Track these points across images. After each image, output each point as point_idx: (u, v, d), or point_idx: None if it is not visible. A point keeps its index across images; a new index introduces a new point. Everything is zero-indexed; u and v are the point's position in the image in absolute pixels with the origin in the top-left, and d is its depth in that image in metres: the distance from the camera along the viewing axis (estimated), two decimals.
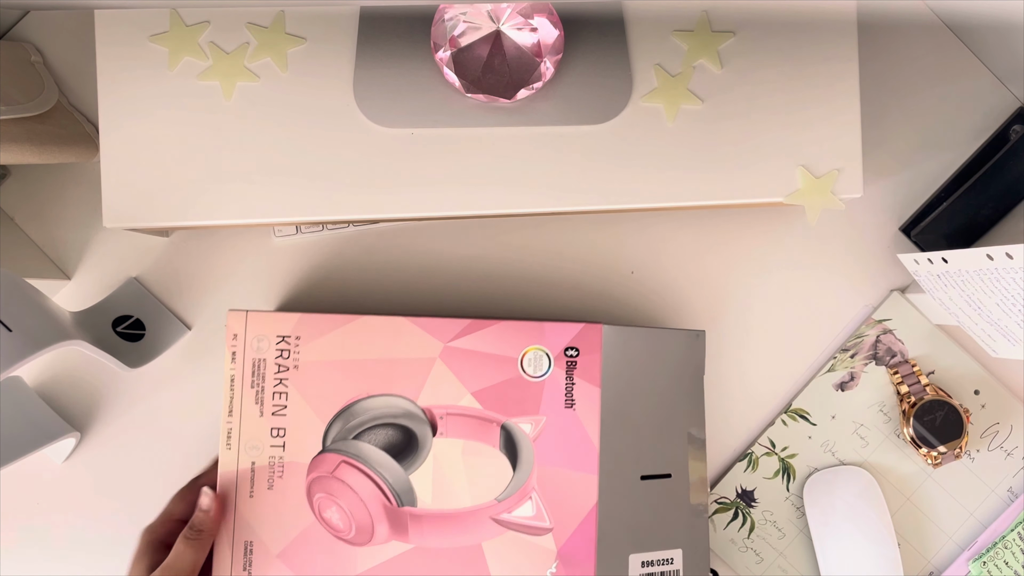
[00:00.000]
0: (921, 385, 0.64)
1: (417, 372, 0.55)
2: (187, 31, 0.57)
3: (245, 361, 0.55)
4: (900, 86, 0.67)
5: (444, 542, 0.54)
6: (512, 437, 0.55)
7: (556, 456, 0.55)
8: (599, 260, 0.67)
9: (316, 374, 0.55)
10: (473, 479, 0.55)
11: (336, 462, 0.54)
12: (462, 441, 0.55)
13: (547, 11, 0.54)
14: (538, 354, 0.56)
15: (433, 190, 0.57)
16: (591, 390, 0.56)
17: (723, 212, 0.67)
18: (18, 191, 0.66)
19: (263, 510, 0.54)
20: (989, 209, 0.65)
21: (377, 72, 0.57)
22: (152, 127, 0.57)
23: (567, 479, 0.55)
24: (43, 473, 0.65)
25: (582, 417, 0.56)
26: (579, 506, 0.55)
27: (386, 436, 0.55)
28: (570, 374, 0.56)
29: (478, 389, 0.56)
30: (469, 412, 0.55)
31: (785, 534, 0.65)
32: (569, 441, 0.55)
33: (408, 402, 0.55)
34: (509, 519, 0.55)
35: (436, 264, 0.66)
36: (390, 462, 0.55)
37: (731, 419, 0.66)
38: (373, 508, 0.54)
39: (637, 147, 0.57)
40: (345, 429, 0.55)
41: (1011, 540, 0.64)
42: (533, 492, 0.55)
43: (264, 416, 0.55)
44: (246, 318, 0.55)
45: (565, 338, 0.56)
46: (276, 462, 0.54)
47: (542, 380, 0.56)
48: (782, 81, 0.57)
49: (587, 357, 0.56)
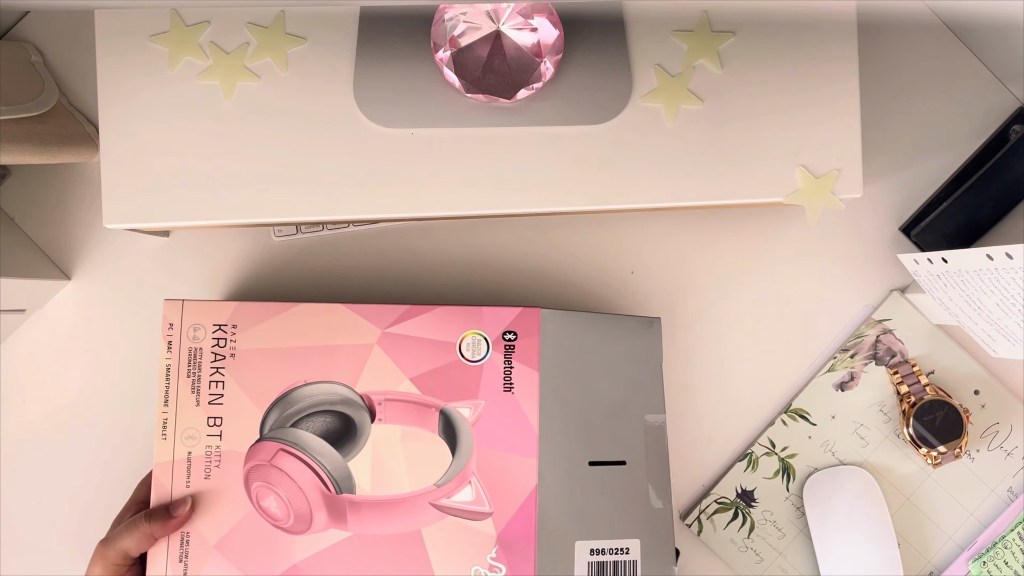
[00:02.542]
0: (921, 385, 0.64)
1: (355, 358, 0.55)
2: (187, 31, 0.57)
3: (181, 350, 0.55)
4: (900, 86, 0.67)
5: (383, 528, 0.54)
6: (451, 422, 0.56)
7: (495, 440, 0.56)
8: (599, 260, 0.67)
9: (253, 362, 0.55)
10: (412, 465, 0.55)
11: (274, 450, 0.54)
12: (401, 427, 0.55)
13: (547, 11, 0.54)
14: (476, 338, 0.56)
15: (433, 190, 0.57)
16: (529, 374, 0.56)
17: (723, 212, 0.67)
18: (18, 191, 0.66)
19: (200, 500, 0.54)
20: (989, 209, 0.65)
21: (377, 72, 0.57)
22: (152, 127, 0.57)
23: (507, 463, 0.55)
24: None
25: (521, 401, 0.56)
26: (519, 490, 0.55)
27: (324, 423, 0.55)
28: (508, 358, 0.56)
29: (416, 375, 0.56)
30: (407, 397, 0.55)
31: (785, 534, 0.65)
32: (508, 425, 0.56)
33: (346, 388, 0.55)
34: (448, 504, 0.55)
35: (436, 264, 0.66)
36: (328, 449, 0.54)
37: (731, 419, 0.66)
38: (311, 496, 0.54)
39: (637, 147, 0.57)
40: (283, 417, 0.54)
41: (1011, 540, 0.64)
42: (472, 476, 0.55)
43: (200, 405, 0.54)
44: (182, 307, 0.55)
45: (503, 322, 0.57)
46: (213, 452, 0.54)
47: (480, 364, 0.56)
48: (782, 81, 0.57)
49: (525, 341, 0.57)
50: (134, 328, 0.65)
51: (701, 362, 0.66)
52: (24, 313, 0.65)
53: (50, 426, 0.65)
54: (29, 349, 0.66)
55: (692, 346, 0.66)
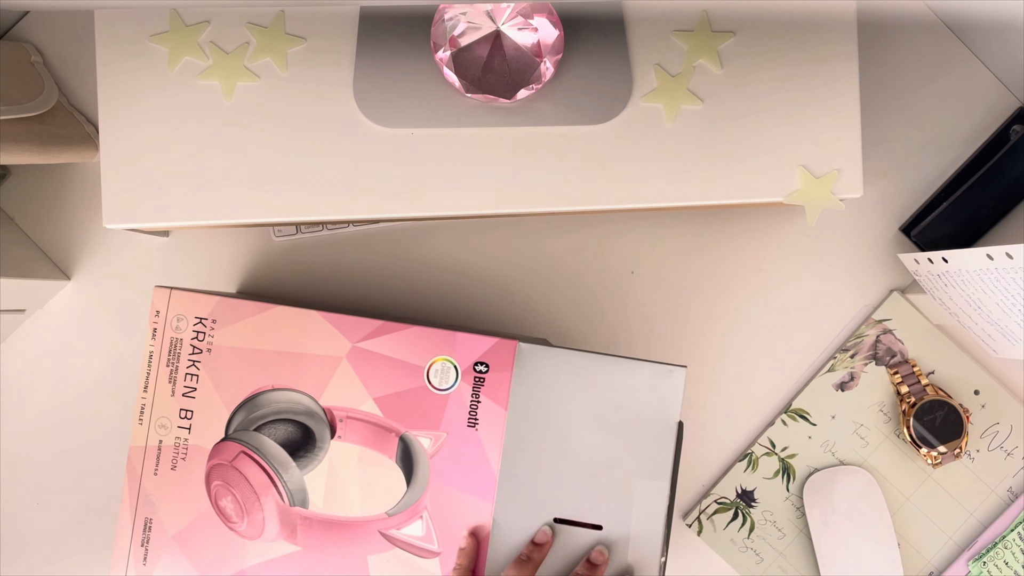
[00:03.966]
0: (921, 385, 0.64)
1: (323, 370, 0.54)
2: (187, 31, 0.57)
3: (164, 339, 0.54)
4: (900, 86, 0.67)
5: (330, 549, 0.53)
6: (409, 450, 0.53)
7: (453, 477, 0.52)
8: (599, 260, 0.66)
9: (227, 360, 0.54)
10: (366, 488, 0.53)
11: (236, 452, 0.54)
12: (359, 447, 0.53)
13: (547, 11, 0.54)
14: (446, 365, 0.53)
15: (433, 190, 0.57)
16: (497, 411, 0.52)
17: (723, 212, 0.67)
18: (18, 191, 0.66)
19: (165, 490, 0.54)
20: (989, 209, 0.65)
21: (377, 72, 0.57)
22: (152, 127, 0.57)
23: (461, 503, 0.52)
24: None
25: (484, 439, 0.52)
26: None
27: (286, 432, 0.54)
28: (477, 391, 0.53)
29: (381, 395, 0.53)
30: (369, 418, 0.53)
31: (785, 534, 0.65)
32: (468, 463, 0.52)
33: (311, 400, 0.54)
34: (398, 536, 0.53)
35: (436, 264, 0.66)
36: (287, 459, 0.53)
37: (731, 419, 0.66)
38: (265, 503, 0.53)
39: (637, 147, 0.57)
40: (248, 419, 0.54)
41: (1011, 540, 0.64)
42: (425, 511, 0.52)
43: (175, 396, 0.54)
44: (169, 296, 0.55)
45: (476, 351, 0.53)
46: (181, 443, 0.54)
47: (447, 394, 0.53)
48: (782, 81, 0.57)
49: (497, 375, 0.52)
50: (134, 328, 0.65)
51: (701, 362, 0.66)
52: (24, 313, 0.65)
53: (50, 426, 0.65)
54: (29, 349, 0.66)
55: (692, 346, 0.66)
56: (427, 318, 0.66)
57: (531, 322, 0.66)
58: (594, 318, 0.66)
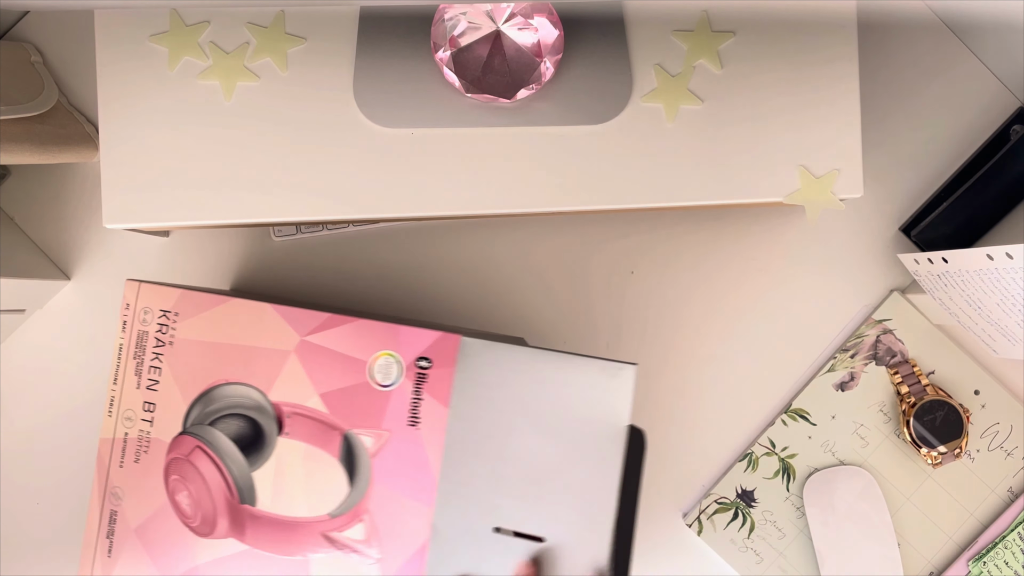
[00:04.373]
0: (921, 385, 0.64)
1: (273, 364, 0.52)
2: (187, 31, 0.57)
3: (132, 332, 0.54)
4: (900, 86, 0.67)
5: (276, 549, 0.51)
6: (352, 449, 0.50)
7: (393, 479, 0.50)
8: (599, 260, 0.66)
9: (187, 353, 0.53)
10: (311, 488, 0.51)
11: (192, 446, 0.53)
12: (304, 444, 0.51)
13: (547, 11, 0.54)
14: (388, 361, 0.50)
15: (433, 190, 0.57)
16: (438, 410, 0.49)
17: (723, 212, 0.67)
18: (18, 191, 0.66)
19: (129, 482, 0.54)
20: (989, 209, 0.65)
21: (377, 72, 0.57)
22: (152, 127, 0.57)
23: (402, 507, 0.50)
24: None
25: (425, 439, 0.49)
26: (409, 541, 0.50)
27: (237, 427, 0.52)
28: (419, 388, 0.50)
29: (326, 391, 0.51)
30: (314, 415, 0.51)
31: (785, 534, 0.65)
32: (408, 464, 0.50)
33: (261, 395, 0.52)
34: (339, 538, 0.50)
35: (436, 263, 0.66)
36: (238, 455, 0.52)
37: (731, 419, 0.66)
38: (217, 500, 0.52)
39: (637, 147, 0.57)
40: (203, 414, 0.53)
41: (1011, 540, 0.64)
42: (366, 514, 0.50)
43: (140, 389, 0.54)
44: (139, 288, 0.54)
45: (419, 346, 0.50)
46: (144, 436, 0.54)
47: (389, 390, 0.50)
48: (782, 81, 0.57)
49: (439, 371, 0.49)
50: None
51: (701, 362, 0.66)
52: (24, 313, 0.65)
53: (50, 426, 0.65)
54: (29, 349, 0.66)
55: (692, 346, 0.66)
56: (426, 317, 0.66)
57: (530, 321, 0.66)
58: (594, 318, 0.66)
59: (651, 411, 0.66)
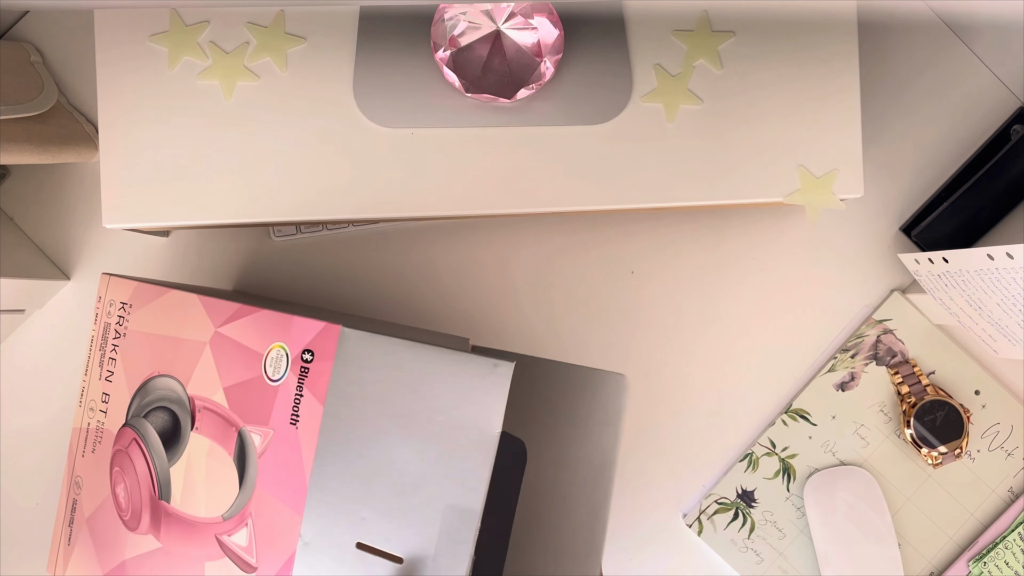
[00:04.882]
0: (921, 385, 0.64)
1: (191, 355, 0.49)
2: (187, 31, 0.57)
3: (100, 323, 0.55)
4: (900, 86, 0.67)
5: (181, 549, 0.48)
6: (244, 448, 0.47)
7: (273, 481, 0.45)
8: (599, 260, 0.66)
9: (134, 344, 0.53)
10: (211, 487, 0.47)
11: (130, 438, 0.52)
12: (209, 441, 0.48)
13: (547, 11, 0.54)
14: (279, 353, 0.46)
15: (433, 190, 0.57)
16: (315, 407, 0.44)
17: (723, 212, 0.67)
18: (18, 191, 0.66)
19: (87, 472, 0.54)
20: (989, 209, 0.65)
21: (377, 72, 0.57)
22: (152, 127, 0.57)
23: (277, 513, 0.45)
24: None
25: (302, 440, 0.45)
26: (280, 551, 0.45)
27: (162, 420, 0.50)
28: (301, 383, 0.45)
29: (229, 384, 0.47)
30: (218, 409, 0.48)
31: (785, 534, 0.65)
32: (285, 466, 0.45)
33: (181, 387, 0.49)
34: (228, 543, 0.47)
35: (436, 263, 0.66)
36: (161, 449, 0.50)
37: (731, 419, 0.66)
38: (144, 494, 0.50)
39: (637, 147, 0.57)
40: (140, 405, 0.52)
41: (1011, 540, 0.64)
42: (250, 518, 0.46)
43: (101, 380, 0.54)
44: (108, 282, 0.54)
45: (305, 338, 0.45)
46: (100, 427, 0.53)
47: (277, 385, 0.46)
48: (782, 81, 0.57)
49: (319, 364, 0.45)
50: None
51: (701, 362, 0.66)
52: (24, 313, 0.65)
53: (50, 426, 0.65)
54: (29, 349, 0.66)
55: (692, 346, 0.66)
56: (427, 317, 0.66)
57: (530, 321, 0.66)
58: (594, 318, 0.66)
59: (651, 411, 0.66)
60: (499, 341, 0.66)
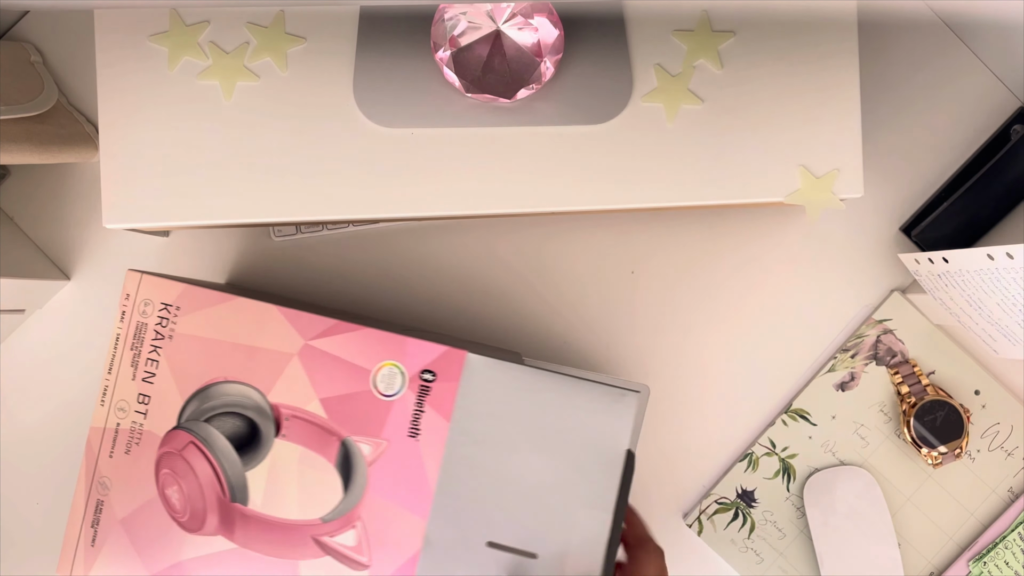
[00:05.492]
0: (921, 385, 0.64)
1: (274, 365, 0.53)
2: (187, 31, 0.57)
3: (131, 323, 0.55)
4: (900, 86, 0.67)
5: (265, 549, 0.52)
6: (349, 456, 0.52)
7: (389, 488, 0.51)
8: (599, 260, 0.66)
9: (186, 348, 0.54)
10: (304, 491, 0.52)
11: (185, 441, 0.53)
12: (301, 448, 0.52)
13: (547, 11, 0.54)
14: (392, 371, 0.52)
15: (433, 190, 0.57)
16: (439, 423, 0.51)
17: (723, 212, 0.67)
18: (18, 191, 0.66)
19: (118, 473, 0.54)
20: (989, 209, 0.65)
21: (377, 72, 0.57)
22: (152, 127, 0.57)
23: (395, 516, 0.51)
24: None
25: (424, 451, 0.51)
26: (401, 550, 0.50)
27: (233, 425, 0.53)
28: (421, 400, 0.51)
29: (327, 396, 0.52)
30: (313, 419, 0.52)
31: (785, 534, 0.65)
32: (405, 475, 0.51)
33: (260, 395, 0.53)
34: (330, 543, 0.51)
35: (436, 263, 0.66)
36: (232, 453, 0.53)
37: (731, 419, 0.66)
38: (208, 496, 0.52)
39: (637, 147, 0.57)
40: (199, 410, 0.54)
41: (1011, 540, 0.64)
42: (359, 521, 0.51)
43: (136, 380, 0.54)
44: (140, 280, 0.55)
45: (424, 359, 0.51)
46: (137, 428, 0.54)
47: (391, 400, 0.51)
48: (782, 81, 0.57)
49: (443, 385, 0.51)
50: None
51: (701, 362, 0.66)
52: (24, 313, 0.65)
53: (50, 426, 0.65)
54: (29, 349, 0.66)
55: (692, 346, 0.66)
56: (427, 317, 0.66)
57: (531, 321, 0.66)
58: (594, 318, 0.66)
59: (651, 411, 0.66)
60: (498, 341, 0.66)
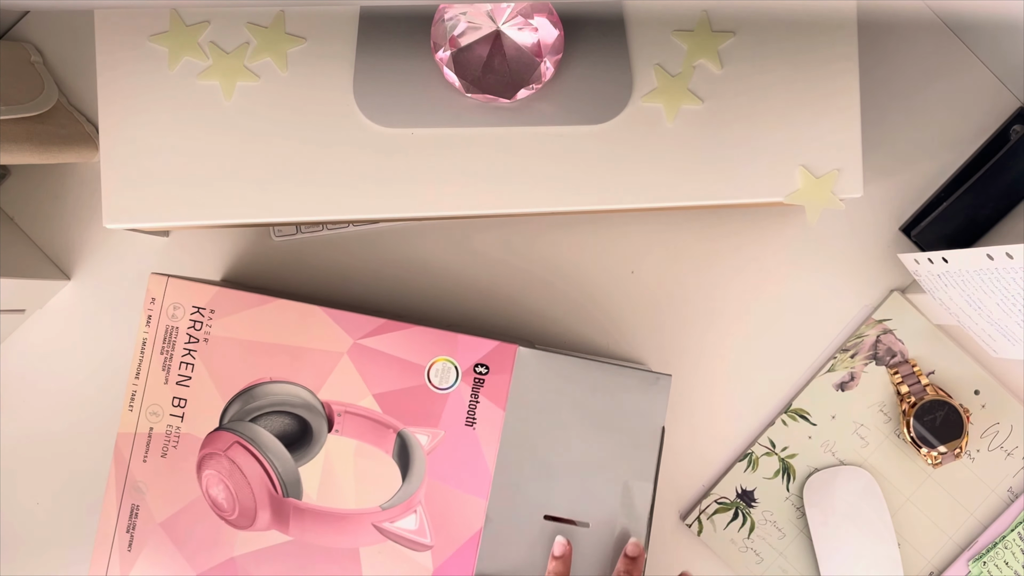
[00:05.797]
0: (921, 385, 0.64)
1: (323, 364, 0.55)
2: (187, 31, 0.57)
3: (159, 327, 0.55)
4: (900, 86, 0.67)
5: (323, 540, 0.54)
6: (406, 446, 0.55)
7: (448, 473, 0.55)
8: (599, 260, 0.66)
9: (224, 350, 0.55)
10: (361, 482, 0.55)
11: (230, 441, 0.54)
12: (356, 441, 0.55)
13: (547, 11, 0.54)
14: (446, 365, 0.55)
15: (433, 190, 0.57)
16: (495, 411, 0.55)
17: (723, 212, 0.67)
18: (18, 191, 0.66)
19: (154, 477, 0.55)
20: (989, 209, 0.65)
21: (377, 72, 0.57)
22: (152, 127, 0.57)
23: (456, 499, 0.55)
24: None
25: (481, 438, 0.55)
26: (463, 529, 0.54)
27: (282, 424, 0.55)
28: (476, 392, 0.55)
29: (380, 392, 0.55)
30: (368, 413, 0.55)
31: (785, 534, 0.65)
32: (464, 460, 0.55)
33: (309, 393, 0.55)
34: (391, 528, 0.54)
35: (436, 263, 0.66)
36: (282, 450, 0.55)
37: (731, 419, 0.66)
38: (258, 493, 0.54)
39: (637, 147, 0.57)
40: (243, 410, 0.55)
41: (1011, 540, 0.64)
42: (419, 506, 0.54)
43: (168, 384, 0.55)
44: (166, 284, 0.55)
45: (477, 354, 0.56)
46: (173, 431, 0.55)
47: (447, 393, 0.55)
48: (782, 81, 0.57)
49: (496, 377, 0.55)
50: (134, 328, 0.65)
51: (701, 362, 0.66)
52: (24, 313, 0.65)
53: (50, 426, 0.65)
54: (29, 349, 0.66)
55: (692, 346, 0.66)
56: (427, 317, 0.66)
57: (530, 322, 0.66)
58: (594, 318, 0.66)
59: None
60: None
